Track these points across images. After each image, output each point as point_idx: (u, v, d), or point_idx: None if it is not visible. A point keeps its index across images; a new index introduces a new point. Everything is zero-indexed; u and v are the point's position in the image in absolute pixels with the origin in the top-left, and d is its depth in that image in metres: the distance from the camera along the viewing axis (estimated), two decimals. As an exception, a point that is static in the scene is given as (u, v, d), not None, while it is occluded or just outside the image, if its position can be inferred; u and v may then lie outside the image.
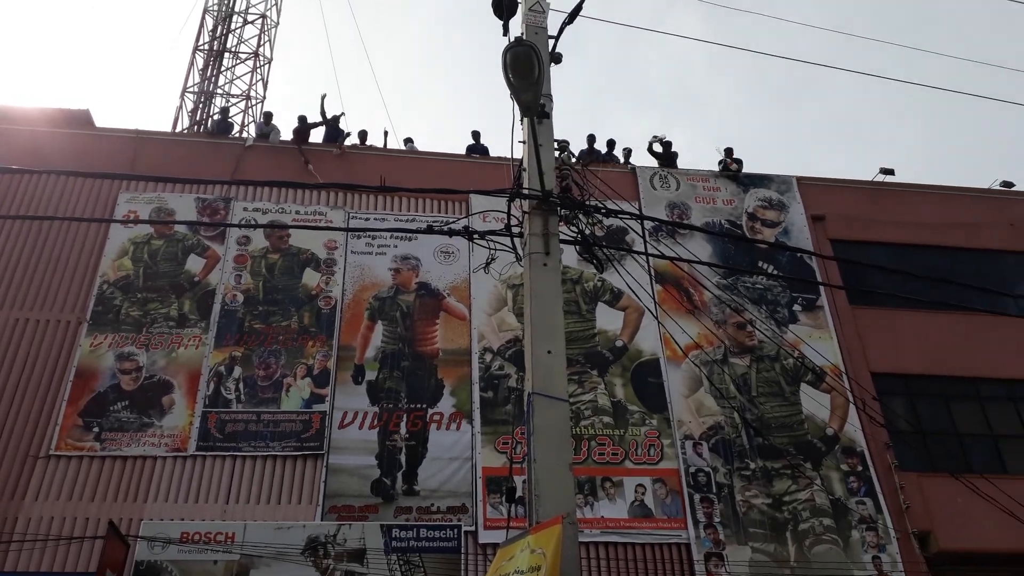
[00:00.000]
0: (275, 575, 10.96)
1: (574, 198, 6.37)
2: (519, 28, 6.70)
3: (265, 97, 25.39)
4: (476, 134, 16.91)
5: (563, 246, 5.98)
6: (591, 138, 17.28)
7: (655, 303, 14.31)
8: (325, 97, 16.84)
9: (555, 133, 6.34)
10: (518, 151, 6.39)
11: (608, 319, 14.45)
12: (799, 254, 15.68)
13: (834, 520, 12.81)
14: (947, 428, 14.28)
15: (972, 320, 14.76)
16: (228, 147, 15.72)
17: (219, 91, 25.10)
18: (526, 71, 5.42)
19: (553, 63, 6.64)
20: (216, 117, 22.49)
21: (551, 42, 6.67)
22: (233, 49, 25.80)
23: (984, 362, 14.85)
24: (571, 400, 9.59)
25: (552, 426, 5.03)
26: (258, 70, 25.60)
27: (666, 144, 17.30)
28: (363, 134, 16.64)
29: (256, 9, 26.43)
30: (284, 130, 16.08)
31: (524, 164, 6.21)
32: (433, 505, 12.18)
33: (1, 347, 12.74)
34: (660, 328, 14.08)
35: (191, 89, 24.80)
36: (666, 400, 13.68)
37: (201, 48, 25.56)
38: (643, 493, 12.67)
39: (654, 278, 14.69)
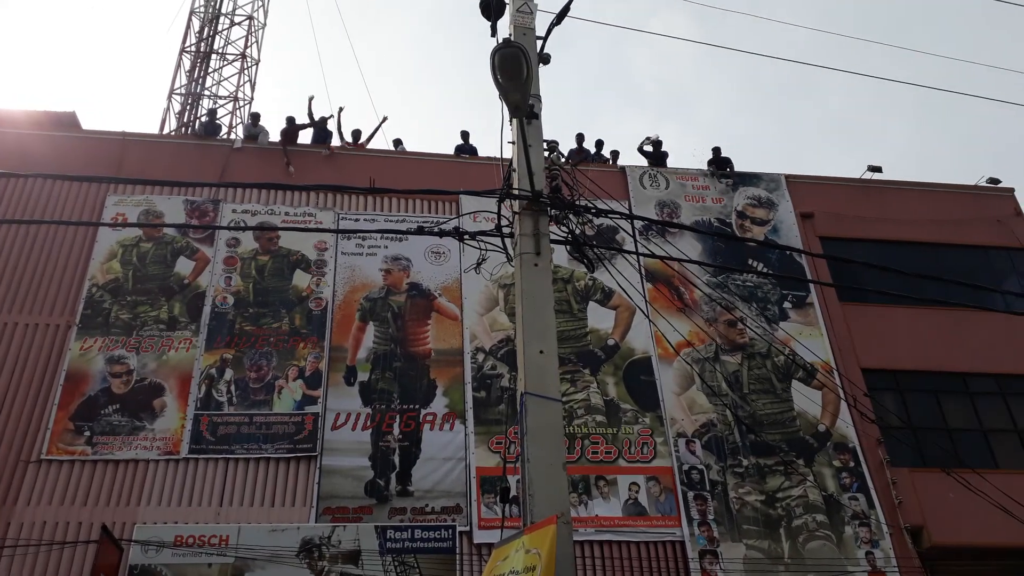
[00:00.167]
0: (269, 578, 10.94)
1: (564, 198, 6.37)
2: (507, 29, 6.71)
3: (253, 98, 25.34)
4: (465, 134, 16.90)
5: (554, 246, 6.00)
6: (579, 137, 17.31)
7: (646, 302, 14.35)
8: (312, 99, 16.73)
9: (545, 133, 6.36)
10: (507, 151, 6.40)
11: (600, 318, 14.48)
12: (789, 252, 15.73)
13: (827, 516, 12.86)
14: (938, 423, 14.34)
15: (961, 316, 14.85)
16: (216, 149, 15.65)
17: (206, 93, 25.00)
18: (514, 72, 5.43)
19: (542, 64, 6.66)
20: (204, 119, 22.40)
21: (539, 43, 6.69)
22: (220, 50, 25.71)
23: (973, 357, 14.96)
24: (564, 399, 9.56)
25: (545, 425, 5.05)
26: (245, 71, 25.51)
27: (657, 144, 17.34)
28: (356, 133, 16.61)
29: (243, 10, 26.37)
30: (272, 131, 16.03)
31: (514, 165, 6.22)
32: (427, 506, 12.17)
33: (-10, 352, 12.65)
34: (651, 326, 14.12)
35: (178, 91, 24.71)
36: (658, 398, 13.72)
37: (188, 50, 25.45)
38: (637, 491, 12.70)
39: (645, 277, 14.73)
